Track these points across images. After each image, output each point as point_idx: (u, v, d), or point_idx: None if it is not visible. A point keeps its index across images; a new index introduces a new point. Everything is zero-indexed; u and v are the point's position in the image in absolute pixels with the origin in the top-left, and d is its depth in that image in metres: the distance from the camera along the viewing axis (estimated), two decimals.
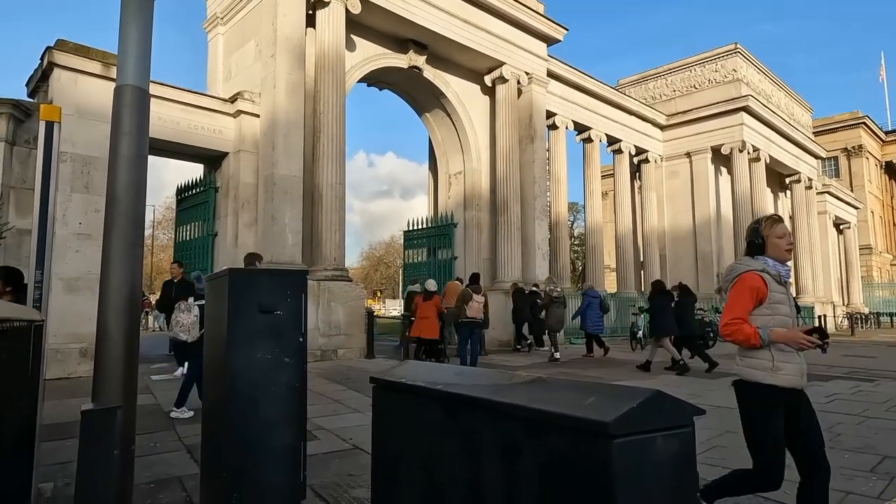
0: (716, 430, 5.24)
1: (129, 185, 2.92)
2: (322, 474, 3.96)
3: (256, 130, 11.45)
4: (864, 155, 44.05)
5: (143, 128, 3.00)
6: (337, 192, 11.58)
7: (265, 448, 2.94)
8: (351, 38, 12.80)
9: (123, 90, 2.95)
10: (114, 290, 2.82)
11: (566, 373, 9.42)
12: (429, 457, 1.81)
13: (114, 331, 2.79)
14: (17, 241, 8.43)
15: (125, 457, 2.74)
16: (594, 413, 1.24)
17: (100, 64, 9.42)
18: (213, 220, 11.76)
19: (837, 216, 32.51)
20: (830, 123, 43.91)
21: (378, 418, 2.19)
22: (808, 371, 2.77)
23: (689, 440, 1.30)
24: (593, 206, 20.42)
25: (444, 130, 16.30)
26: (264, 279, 3.29)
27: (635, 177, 23.24)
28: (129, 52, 2.97)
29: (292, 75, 11.28)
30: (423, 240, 15.79)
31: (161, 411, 6.17)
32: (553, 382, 1.64)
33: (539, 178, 16.02)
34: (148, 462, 4.20)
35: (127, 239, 2.89)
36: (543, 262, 15.85)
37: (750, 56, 23.94)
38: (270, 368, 3.00)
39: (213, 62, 13.55)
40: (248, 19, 12.49)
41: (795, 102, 28.51)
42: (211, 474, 3.16)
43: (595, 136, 20.24)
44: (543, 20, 16.01)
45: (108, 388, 2.75)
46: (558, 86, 18.29)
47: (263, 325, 3.03)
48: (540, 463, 1.38)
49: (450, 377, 1.88)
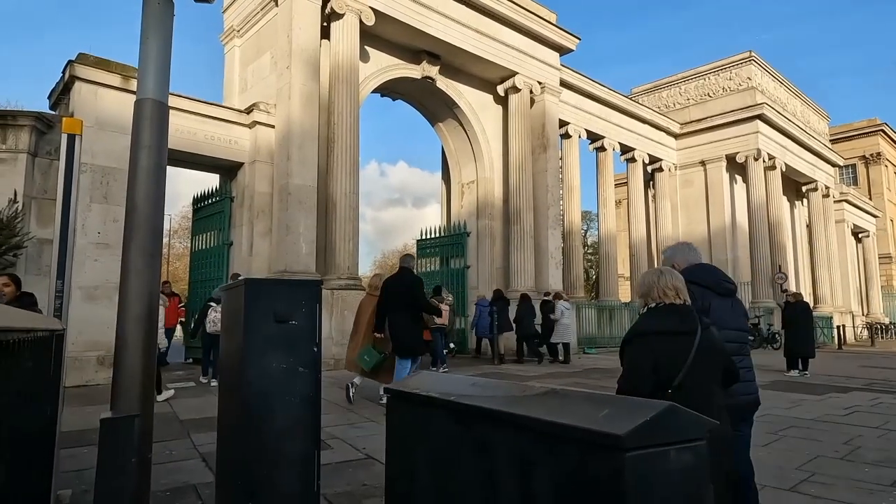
0: None
1: (147, 197, 2.98)
2: (335, 484, 3.98)
3: (271, 141, 11.59)
4: (883, 162, 43.44)
5: (162, 140, 3.06)
6: (351, 201, 11.67)
7: (279, 457, 2.97)
8: (365, 49, 12.93)
9: (143, 104, 3.01)
10: (133, 299, 2.86)
11: (579, 383, 9.36)
12: (442, 467, 1.82)
13: (132, 340, 2.83)
14: (37, 250, 8.59)
15: (142, 464, 2.77)
16: (608, 426, 1.24)
17: (119, 77, 9.61)
18: (229, 230, 11.89)
19: (856, 224, 32.06)
20: (848, 131, 43.39)
21: (392, 429, 2.21)
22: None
23: (702, 453, 1.30)
24: (607, 215, 20.34)
25: (456, 140, 16.36)
26: (280, 289, 3.32)
27: (649, 185, 23.13)
28: (149, 67, 3.03)
29: (307, 86, 11.42)
30: (436, 249, 15.83)
31: (177, 419, 6.22)
32: (567, 394, 1.64)
33: (552, 187, 16.01)
34: (164, 470, 4.24)
35: (145, 249, 2.94)
36: (557, 270, 15.79)
37: (765, 64, 23.80)
38: (285, 378, 3.03)
39: (230, 74, 13.76)
40: (263, 32, 12.69)
41: (811, 110, 28.24)
42: (226, 482, 3.19)
43: (608, 145, 20.20)
44: (556, 30, 16.06)
45: (126, 397, 2.79)
46: (571, 95, 18.30)
47: (279, 334, 3.06)
48: (554, 475, 1.39)
49: (464, 388, 1.89)
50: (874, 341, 23.08)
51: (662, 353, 2.31)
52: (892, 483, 4.02)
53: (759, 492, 3.81)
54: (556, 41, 16.19)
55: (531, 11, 15.30)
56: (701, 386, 2.30)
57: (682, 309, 2.43)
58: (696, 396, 2.17)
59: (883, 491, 3.85)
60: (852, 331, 25.63)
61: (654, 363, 2.31)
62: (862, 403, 7.47)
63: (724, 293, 2.93)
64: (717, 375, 2.42)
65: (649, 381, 2.29)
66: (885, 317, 31.77)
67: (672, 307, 2.43)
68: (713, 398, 2.33)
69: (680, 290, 2.47)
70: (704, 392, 2.29)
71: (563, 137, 18.66)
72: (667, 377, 2.27)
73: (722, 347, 2.47)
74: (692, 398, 2.05)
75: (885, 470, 4.34)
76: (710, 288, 2.88)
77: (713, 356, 2.37)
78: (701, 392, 2.27)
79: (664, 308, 2.45)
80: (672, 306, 2.43)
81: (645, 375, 2.31)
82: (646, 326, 2.46)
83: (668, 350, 2.31)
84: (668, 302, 2.44)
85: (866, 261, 33.11)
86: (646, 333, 2.42)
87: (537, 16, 15.48)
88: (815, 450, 4.97)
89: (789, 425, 6.03)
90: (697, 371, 2.28)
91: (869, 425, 6.04)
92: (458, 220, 16.03)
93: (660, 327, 2.38)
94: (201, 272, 12.43)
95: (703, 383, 2.31)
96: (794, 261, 26.67)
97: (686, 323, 2.36)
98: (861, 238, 33.35)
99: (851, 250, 31.56)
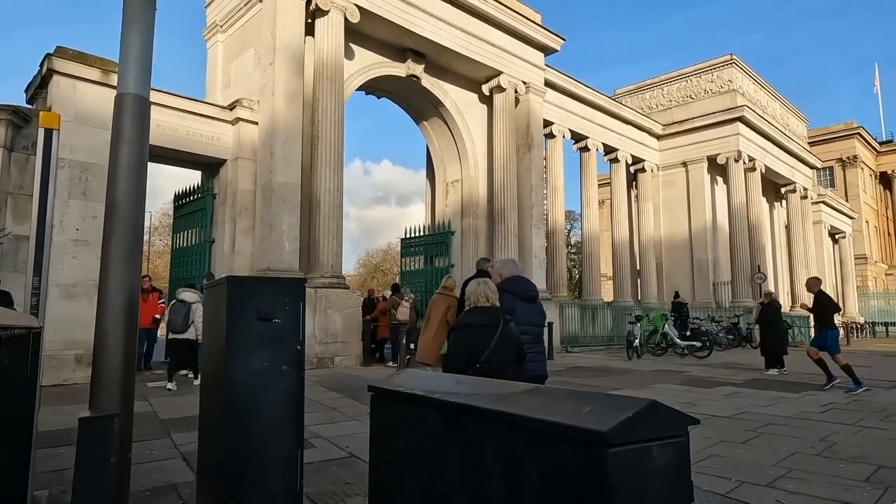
0: (712, 440, 5.25)
1: (128, 193, 2.94)
2: (318, 482, 3.96)
3: (255, 138, 11.49)
4: (859, 165, 44.37)
5: (143, 136, 3.03)
6: (334, 199, 11.61)
7: (262, 456, 2.95)
8: (349, 46, 12.87)
9: (124, 98, 2.97)
10: (112, 296, 2.83)
11: (563, 381, 9.42)
12: (427, 466, 1.82)
13: (112, 337, 2.80)
14: (13, 246, 8.42)
15: (122, 464, 2.74)
16: (591, 422, 1.26)
17: (99, 71, 9.45)
18: (211, 227, 11.76)
19: (833, 226, 32.68)
20: (825, 134, 44.24)
21: (376, 427, 2.20)
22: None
23: (684, 449, 1.31)
24: (590, 215, 20.48)
25: (441, 139, 16.36)
26: (263, 287, 3.30)
27: (632, 186, 23.34)
28: (130, 62, 2.99)
29: (291, 83, 11.33)
30: (421, 247, 15.82)
31: (157, 418, 6.15)
32: (552, 392, 1.66)
33: (536, 187, 16.08)
34: (144, 469, 4.19)
35: (126, 246, 2.91)
36: (540, 270, 15.88)
37: (746, 67, 24.14)
38: (268, 376, 3.01)
39: (213, 70, 13.61)
40: (247, 27, 12.56)
41: (790, 113, 28.72)
42: (207, 482, 3.16)
43: (592, 145, 20.34)
44: (541, 30, 16.13)
45: (105, 395, 2.76)
46: (555, 95, 18.40)
47: (262, 332, 3.04)
48: (539, 472, 1.40)
49: (449, 386, 1.89)
50: (850, 340, 23.51)
51: (474, 340, 3.34)
52: (867, 478, 4.10)
53: (738, 487, 3.88)
54: (541, 41, 16.26)
55: (516, 11, 15.35)
56: (500, 363, 3.30)
57: (490, 309, 3.47)
58: (497, 369, 3.18)
59: (858, 486, 3.93)
60: None
61: (468, 346, 3.34)
62: (838, 401, 7.62)
63: (527, 299, 4.01)
64: (512, 356, 3.44)
65: (465, 359, 3.30)
66: (861, 316, 32.42)
67: (484, 308, 3.47)
68: (508, 371, 3.29)
69: (490, 296, 3.50)
70: (503, 367, 3.28)
71: (548, 137, 18.75)
72: (477, 356, 3.28)
73: (516, 338, 3.49)
74: (493, 371, 3.13)
75: (860, 466, 4.43)
76: (517, 295, 3.95)
77: (509, 343, 3.41)
78: (500, 366, 3.26)
79: (479, 309, 3.47)
80: (484, 308, 3.47)
81: (462, 354, 3.35)
82: (465, 321, 3.51)
83: (478, 337, 3.34)
84: (481, 304, 3.48)
85: (842, 261, 33.78)
86: (464, 326, 3.47)
87: (522, 16, 15.54)
88: (793, 446, 5.05)
89: (767, 423, 6.13)
90: (498, 352, 3.31)
91: (845, 422, 6.16)
92: (443, 218, 16.04)
93: (474, 321, 3.42)
94: (182, 270, 12.28)
95: (501, 361, 3.32)
96: (773, 261, 27.11)
97: (492, 319, 3.41)
98: (837, 239, 34.01)
99: (828, 251, 32.18)
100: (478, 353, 3.28)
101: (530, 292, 4.07)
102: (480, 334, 3.33)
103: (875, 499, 3.67)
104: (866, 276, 41.32)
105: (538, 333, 4.06)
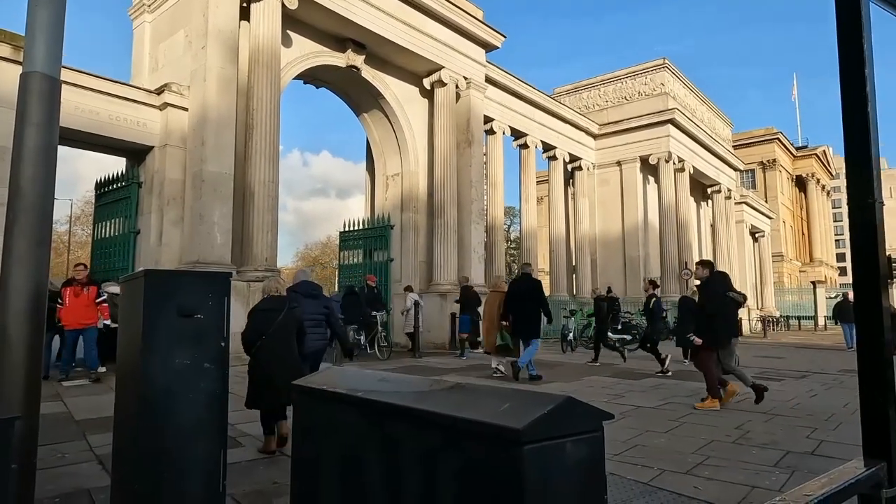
0: (636, 430, 5.45)
1: (35, 179, 2.74)
2: (245, 483, 3.84)
3: (185, 125, 10.99)
4: (778, 168, 47.26)
5: (52, 118, 2.82)
6: (270, 190, 11.29)
7: (180, 458, 2.83)
8: (287, 33, 12.52)
9: (31, 77, 2.77)
10: (15, 291, 2.64)
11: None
12: (348, 464, 1.79)
13: (14, 335, 2.61)
14: None
15: (25, 470, 2.56)
16: (507, 420, 1.26)
17: (9, 47, 8.78)
18: (136, 217, 11.18)
19: (754, 225, 34.65)
20: (748, 138, 46.83)
21: (298, 426, 2.15)
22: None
23: (598, 444, 1.34)
24: (528, 211, 20.85)
25: (381, 131, 16.21)
26: (184, 281, 3.17)
27: (569, 183, 23.92)
28: (37, 38, 2.79)
29: (224, 69, 10.91)
30: (360, 241, 15.64)
31: (72, 419, 5.80)
32: (473, 389, 1.66)
33: (476, 183, 16.20)
34: (54, 474, 3.94)
35: (31, 236, 2.71)
36: (479, 264, 16.03)
37: (677, 71, 25.16)
38: (188, 374, 2.89)
39: (139, 51, 12.90)
40: (177, 8, 11.98)
41: (717, 117, 30.19)
42: (122, 486, 3.00)
43: (531, 143, 20.69)
44: (482, 26, 16.22)
45: (6, 398, 2.57)
46: (496, 92, 18.58)
47: (183, 329, 2.91)
48: (456, 469, 1.39)
49: (372, 384, 1.86)
50: (766, 333, 25.03)
51: (263, 319, 4.61)
52: (775, 464, 4.37)
53: (659, 475, 4.04)
54: (482, 37, 16.36)
55: (459, 7, 15.37)
56: (284, 337, 4.62)
57: (277, 298, 4.81)
58: (281, 343, 4.59)
59: (767, 471, 4.18)
60: (748, 323, 27.66)
61: (258, 324, 4.60)
62: (751, 391, 8.07)
63: (309, 296, 5.60)
64: (294, 333, 4.75)
65: (256, 334, 4.55)
66: (777, 310, 34.58)
67: (273, 297, 4.81)
68: (291, 345, 4.70)
69: (279, 289, 4.91)
70: (286, 340, 4.65)
71: (488, 133, 18.92)
72: (264, 331, 4.54)
73: (297, 320, 4.83)
74: (278, 340, 4.56)
75: (770, 452, 4.72)
76: (300, 293, 5.55)
77: (291, 323, 4.72)
78: (284, 340, 4.62)
79: (270, 297, 4.81)
80: (273, 296, 4.82)
81: (253, 331, 4.59)
82: (258, 306, 4.83)
83: (266, 317, 4.61)
84: (272, 294, 4.83)
85: (762, 259, 35.89)
86: (257, 310, 4.75)
87: (465, 11, 15.57)
88: (710, 435, 5.32)
89: (688, 412, 6.43)
90: (281, 329, 4.59)
91: (758, 411, 6.55)
92: (383, 212, 15.91)
93: (264, 307, 4.73)
94: (105, 262, 11.63)
95: (285, 336, 4.64)
96: (699, 257, 28.45)
97: (277, 305, 4.72)
98: (757, 238, 36.08)
99: (749, 249, 34.10)
100: (266, 328, 4.54)
101: (312, 291, 5.73)
102: (270, 316, 4.61)
103: (783, 482, 3.91)
104: (782, 272, 44.14)
105: (320, 320, 5.58)
